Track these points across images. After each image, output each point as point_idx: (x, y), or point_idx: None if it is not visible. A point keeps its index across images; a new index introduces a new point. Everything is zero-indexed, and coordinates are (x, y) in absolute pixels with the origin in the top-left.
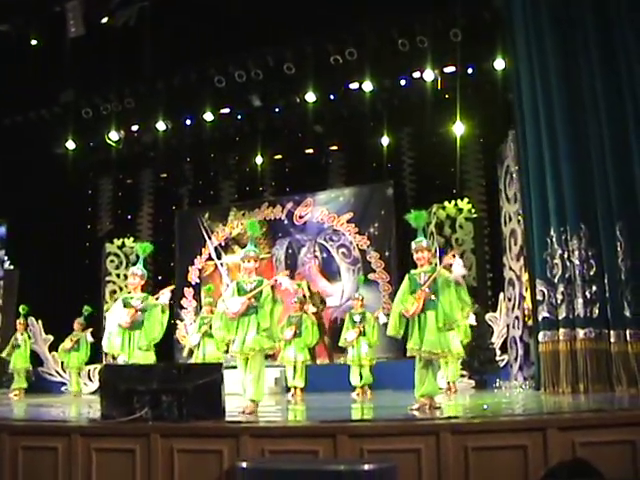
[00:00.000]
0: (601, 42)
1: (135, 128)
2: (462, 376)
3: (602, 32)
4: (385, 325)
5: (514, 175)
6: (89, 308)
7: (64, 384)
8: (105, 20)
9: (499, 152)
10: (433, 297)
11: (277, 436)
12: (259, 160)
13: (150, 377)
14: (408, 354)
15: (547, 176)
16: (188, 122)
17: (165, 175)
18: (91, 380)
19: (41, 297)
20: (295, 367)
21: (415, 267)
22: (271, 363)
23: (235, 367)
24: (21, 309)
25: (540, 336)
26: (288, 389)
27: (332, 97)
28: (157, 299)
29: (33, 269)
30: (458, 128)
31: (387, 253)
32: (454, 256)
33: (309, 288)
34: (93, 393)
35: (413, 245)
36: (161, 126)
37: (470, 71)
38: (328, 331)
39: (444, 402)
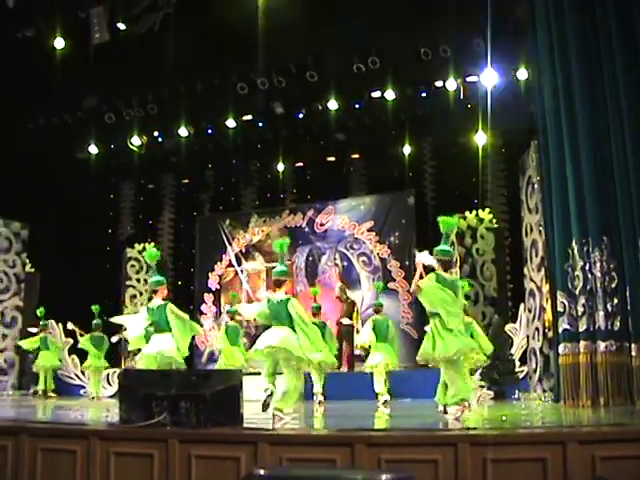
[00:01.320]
0: (625, 51)
1: (157, 134)
2: (481, 386)
3: (626, 40)
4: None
5: (536, 185)
6: (97, 307)
7: (83, 387)
8: (129, 26)
9: (521, 162)
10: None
11: (295, 444)
12: (280, 167)
13: (169, 383)
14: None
15: (569, 187)
16: (210, 128)
17: (187, 181)
18: (110, 384)
19: (62, 300)
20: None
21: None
22: None
23: (258, 373)
24: (39, 312)
25: (560, 348)
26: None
27: (354, 105)
28: None
29: (54, 272)
30: (480, 138)
31: (407, 262)
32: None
33: (344, 290)
34: (112, 397)
35: (435, 253)
36: (183, 132)
37: (493, 81)
38: (348, 340)
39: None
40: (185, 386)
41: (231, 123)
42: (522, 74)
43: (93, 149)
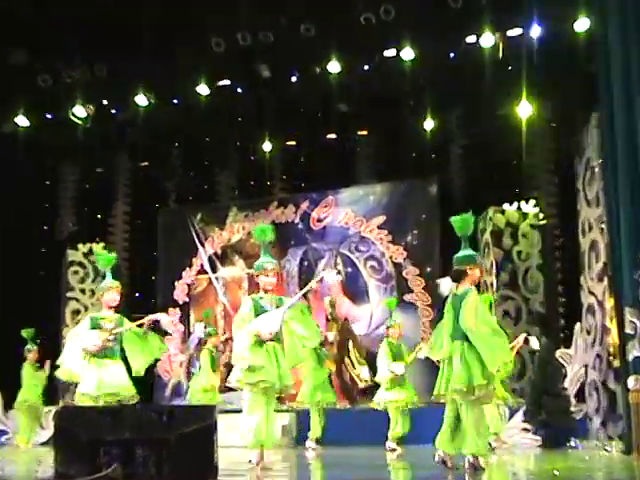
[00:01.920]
0: None
1: (107, 102)
2: (525, 430)
3: None
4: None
5: (597, 171)
6: (29, 331)
7: (5, 432)
8: None
9: (577, 141)
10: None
11: None
12: (267, 146)
13: (121, 423)
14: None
15: None
16: (177, 97)
17: (146, 163)
18: (42, 427)
19: None
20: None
21: None
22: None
23: (238, 411)
24: None
25: (630, 382)
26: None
27: (362, 67)
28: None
29: None
30: (524, 109)
31: (429, 269)
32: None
33: (333, 306)
34: (45, 444)
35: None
36: (141, 100)
37: (542, 34)
38: (352, 367)
39: (495, 463)
40: (143, 427)
41: (203, 90)
42: (581, 24)
43: (22, 120)
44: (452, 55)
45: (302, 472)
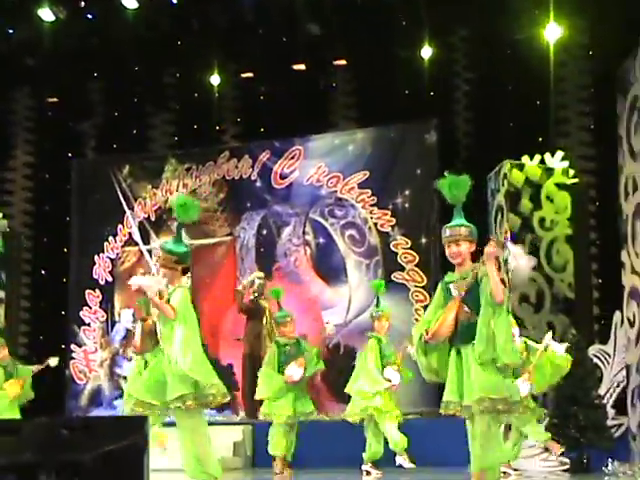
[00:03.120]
0: None
1: (1, 18)
2: (547, 451)
3: None
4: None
5: None
6: None
7: None
8: None
9: (620, 75)
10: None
11: None
12: (215, 79)
13: (21, 442)
14: (442, 412)
15: None
16: (92, 12)
17: (55, 99)
18: None
19: None
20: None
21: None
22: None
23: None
24: None
25: None
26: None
27: None
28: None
29: None
30: (551, 32)
31: (424, 240)
32: (505, 241)
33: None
34: None
35: (446, 232)
36: (46, 15)
37: None
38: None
39: None
40: (49, 447)
41: (130, 2)
42: None
43: None
44: None
45: None
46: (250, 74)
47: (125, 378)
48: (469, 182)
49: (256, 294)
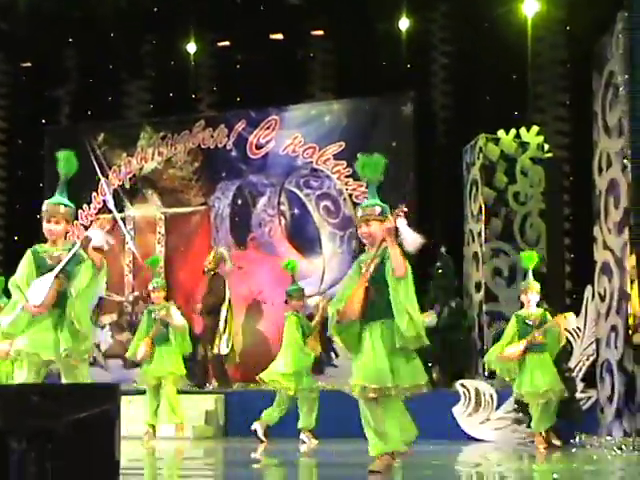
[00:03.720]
0: None
1: None
2: (516, 422)
3: None
4: None
5: (621, 89)
6: None
7: None
8: None
9: (597, 49)
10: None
11: None
12: (192, 48)
13: None
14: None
15: None
16: None
17: (28, 64)
18: None
19: None
20: None
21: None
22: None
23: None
24: None
25: None
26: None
27: None
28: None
29: None
30: (529, 7)
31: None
32: (399, 215)
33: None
34: None
35: (359, 212)
36: None
37: None
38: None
39: (481, 467)
40: (19, 414)
41: None
42: None
43: None
44: None
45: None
46: (227, 43)
47: (98, 346)
48: (383, 162)
49: (214, 266)
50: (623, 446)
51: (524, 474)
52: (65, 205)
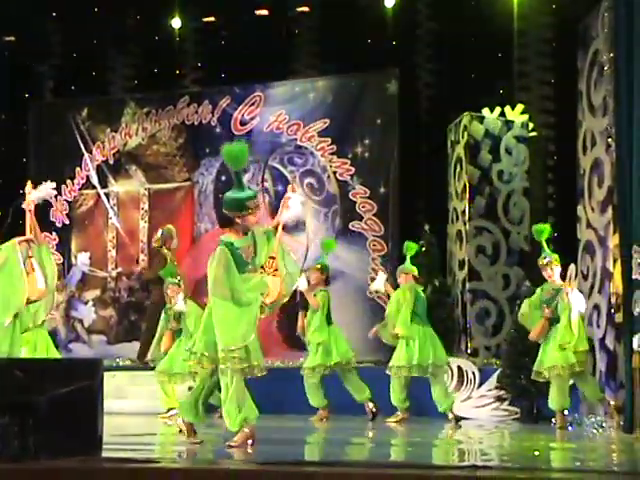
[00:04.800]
0: None
1: None
2: (498, 400)
3: None
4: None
5: (606, 68)
6: None
7: None
8: None
9: (582, 29)
10: None
11: None
12: (176, 23)
13: None
14: None
15: None
16: None
17: (12, 38)
18: None
19: None
20: None
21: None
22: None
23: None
24: None
25: (636, 341)
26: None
27: None
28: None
29: None
30: None
31: (382, 190)
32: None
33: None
34: None
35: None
36: None
37: None
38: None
39: (463, 445)
40: (3, 388)
41: None
42: None
43: None
44: None
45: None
46: (212, 18)
47: (81, 321)
48: (243, 151)
49: (160, 244)
50: (604, 424)
51: (504, 451)
52: None
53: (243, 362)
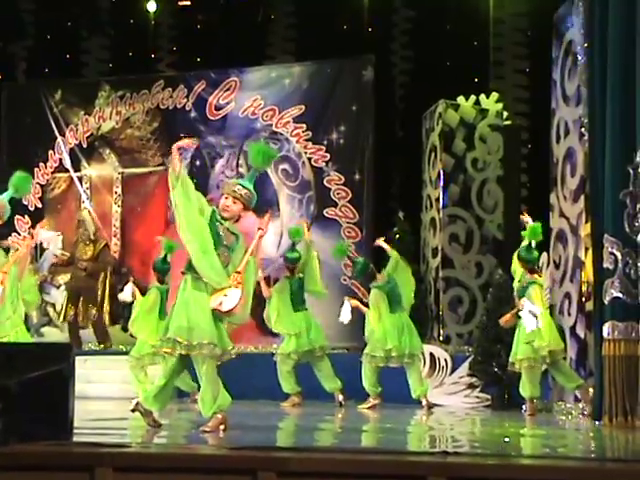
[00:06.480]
0: None
1: None
2: (470, 387)
3: None
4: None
5: (579, 57)
6: None
7: None
8: None
9: (557, 18)
10: None
11: (157, 470)
12: (152, 6)
13: None
14: None
15: (638, 62)
16: None
17: None
18: None
19: None
20: None
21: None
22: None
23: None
24: None
25: (606, 329)
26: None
27: None
28: None
29: None
30: None
31: (357, 177)
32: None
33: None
34: None
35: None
36: None
37: None
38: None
39: (434, 431)
40: None
41: None
42: None
43: None
44: None
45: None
46: (188, 2)
47: (53, 305)
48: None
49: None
50: (573, 411)
51: (475, 437)
52: None
53: (216, 348)
